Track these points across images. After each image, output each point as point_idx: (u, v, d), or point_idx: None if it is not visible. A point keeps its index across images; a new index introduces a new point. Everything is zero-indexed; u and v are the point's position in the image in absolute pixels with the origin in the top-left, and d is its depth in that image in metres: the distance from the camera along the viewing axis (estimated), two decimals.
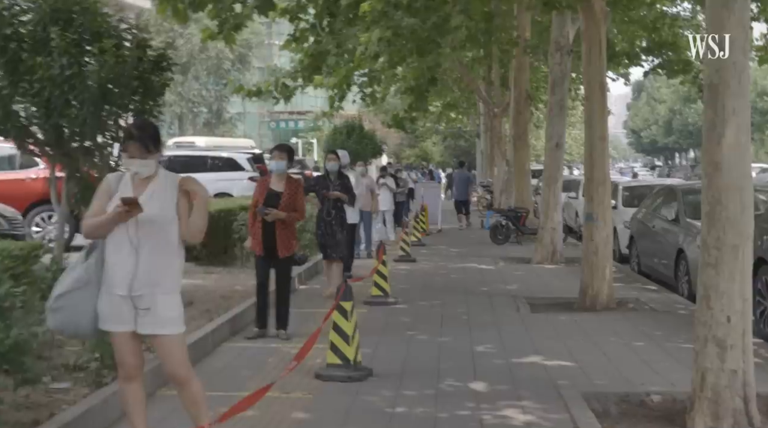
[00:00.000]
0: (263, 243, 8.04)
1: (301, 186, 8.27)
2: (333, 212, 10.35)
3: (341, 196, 10.30)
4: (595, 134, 10.07)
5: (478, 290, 11.63)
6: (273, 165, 8.21)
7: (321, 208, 10.49)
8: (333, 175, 10.44)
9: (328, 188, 10.35)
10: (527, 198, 20.17)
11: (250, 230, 8.31)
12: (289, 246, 8.11)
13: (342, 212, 10.48)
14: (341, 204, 10.39)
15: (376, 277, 10.17)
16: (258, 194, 8.16)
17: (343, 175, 10.63)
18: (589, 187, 10.19)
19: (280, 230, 7.97)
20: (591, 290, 10.03)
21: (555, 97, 14.57)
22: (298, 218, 8.22)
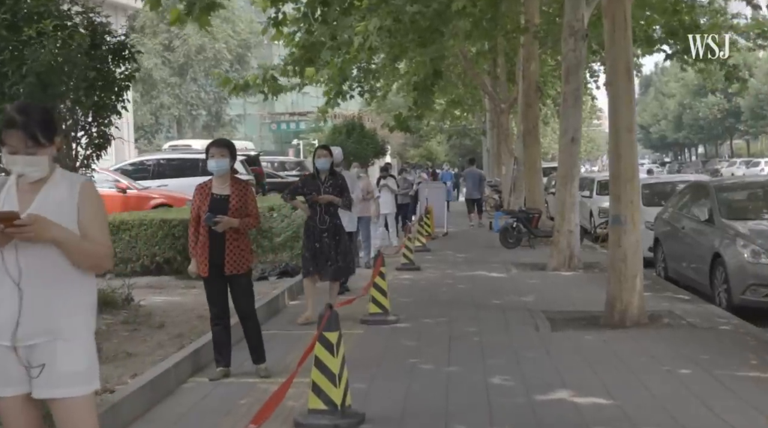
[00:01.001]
0: (210, 260, 6.57)
1: (249, 187, 6.83)
2: (327, 220, 8.87)
3: (333, 199, 8.84)
4: (621, 124, 8.79)
5: (490, 302, 10.36)
6: (213, 164, 6.60)
7: (311, 215, 9.03)
8: (324, 174, 8.92)
9: (319, 190, 8.89)
10: (539, 198, 18.90)
11: (191, 249, 6.79)
12: (244, 261, 6.63)
13: (337, 218, 9.01)
14: (335, 209, 9.03)
15: (374, 292, 8.90)
16: (198, 201, 6.67)
17: (336, 174, 9.10)
18: (615, 185, 8.92)
19: (231, 242, 6.53)
20: (619, 303, 8.76)
21: (569, 87, 13.28)
22: (252, 224, 6.71)
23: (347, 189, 9.10)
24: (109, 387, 5.78)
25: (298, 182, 9.55)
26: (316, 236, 8.87)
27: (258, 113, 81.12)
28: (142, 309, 9.11)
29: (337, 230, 8.98)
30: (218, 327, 6.76)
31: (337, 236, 8.94)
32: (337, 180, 9.00)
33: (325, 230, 8.87)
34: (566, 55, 13.36)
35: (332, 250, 8.86)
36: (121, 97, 8.85)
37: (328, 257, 8.84)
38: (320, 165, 8.96)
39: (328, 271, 8.88)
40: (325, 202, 8.82)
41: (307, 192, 8.97)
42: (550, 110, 41.45)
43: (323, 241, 8.84)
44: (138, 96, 57.71)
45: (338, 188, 8.95)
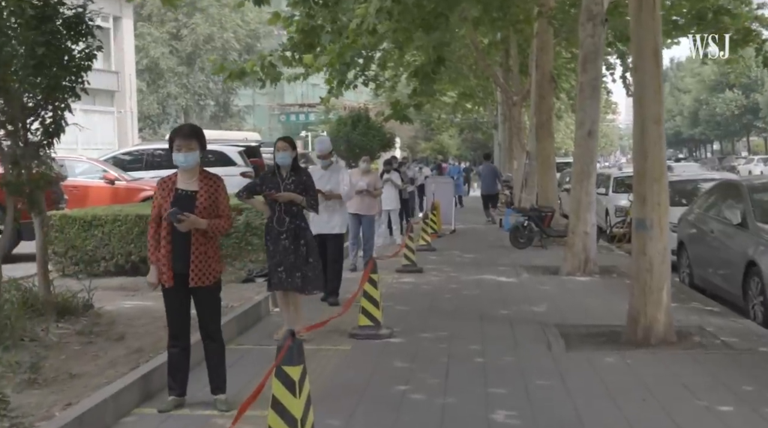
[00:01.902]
0: (173, 267, 5.52)
1: (222, 184, 5.71)
2: (286, 220, 7.65)
3: (294, 197, 7.62)
4: (648, 114, 7.70)
5: (497, 313, 9.29)
6: (181, 159, 5.56)
7: (271, 215, 7.80)
8: (285, 169, 7.74)
9: (278, 187, 7.73)
10: (552, 195, 17.81)
11: (150, 255, 5.70)
12: (211, 271, 5.55)
13: (300, 220, 7.75)
14: (297, 210, 7.77)
15: (364, 302, 7.85)
16: (161, 198, 5.60)
17: (300, 170, 7.90)
18: (639, 184, 7.82)
19: (198, 248, 5.48)
20: (643, 318, 7.68)
21: (586, 76, 12.18)
22: (223, 228, 5.59)
23: (312, 187, 7.88)
24: (26, 425, 4.76)
25: (257, 178, 8.31)
26: (274, 239, 7.71)
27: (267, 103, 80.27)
28: (105, 316, 8.12)
29: (298, 233, 7.68)
30: (176, 349, 5.72)
31: (300, 240, 7.67)
32: (301, 177, 7.80)
33: (284, 232, 7.63)
34: (584, 41, 12.25)
35: (292, 255, 7.60)
36: (81, 78, 7.85)
37: (290, 264, 7.61)
38: (280, 160, 7.74)
39: (294, 282, 7.66)
40: (284, 200, 7.61)
41: (265, 190, 7.75)
42: (563, 104, 40.24)
43: (281, 245, 7.64)
44: (144, 85, 56.93)
45: (301, 185, 7.73)
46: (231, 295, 9.43)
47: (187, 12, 58.52)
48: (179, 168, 5.59)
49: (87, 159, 18.68)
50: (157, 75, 58.26)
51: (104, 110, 39.78)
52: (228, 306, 8.91)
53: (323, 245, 9.53)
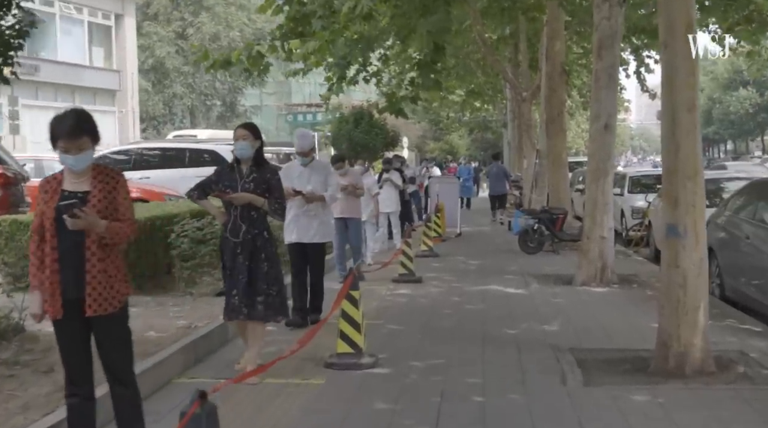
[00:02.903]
0: (63, 292, 4.18)
1: (121, 181, 4.35)
2: (242, 228, 6.23)
3: (254, 199, 6.21)
4: (679, 101, 6.46)
5: (503, 334, 8.05)
6: (69, 161, 4.17)
7: (225, 222, 6.40)
8: (245, 164, 6.31)
9: (236, 186, 6.30)
10: (564, 196, 16.57)
11: (32, 277, 4.29)
12: (114, 293, 4.24)
13: (260, 228, 6.27)
14: (259, 215, 6.33)
15: (343, 324, 6.63)
16: (43, 203, 4.27)
17: (265, 165, 6.38)
18: (670, 183, 6.56)
19: (95, 263, 4.17)
20: (676, 342, 6.44)
21: (602, 64, 10.93)
22: (124, 234, 4.26)
23: (279, 188, 6.40)
24: None
25: (212, 175, 6.55)
26: (230, 254, 6.29)
27: (275, 104, 79.17)
28: (42, 341, 6.92)
29: (258, 245, 6.25)
30: (75, 399, 4.39)
31: (260, 253, 6.25)
32: (264, 174, 6.29)
33: (239, 244, 6.24)
34: (599, 24, 11.01)
35: (250, 274, 6.18)
36: (10, 59, 6.67)
37: (246, 286, 6.18)
38: (240, 151, 6.26)
39: (254, 309, 6.29)
40: (240, 203, 6.19)
41: (221, 188, 6.29)
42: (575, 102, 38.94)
43: (236, 261, 6.23)
44: (150, 85, 55.94)
45: (264, 184, 6.26)
46: (199, 312, 8.28)
47: (193, 11, 57.62)
48: (67, 167, 4.28)
49: None
50: (162, 75, 57.31)
51: (105, 110, 38.73)
52: (191, 326, 7.73)
53: (303, 256, 8.31)
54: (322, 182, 8.39)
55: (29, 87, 32.74)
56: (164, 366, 6.32)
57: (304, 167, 8.40)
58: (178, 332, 7.59)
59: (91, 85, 36.78)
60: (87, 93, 36.85)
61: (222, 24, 57.62)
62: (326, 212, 8.59)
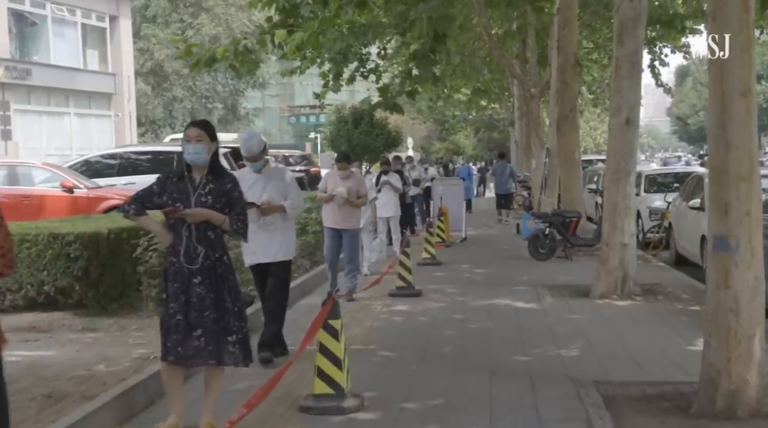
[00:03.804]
0: None
1: None
2: (199, 253, 4.94)
3: (212, 217, 4.94)
4: (731, 84, 5.28)
5: (513, 361, 6.88)
6: None
7: (173, 245, 5.01)
8: (199, 172, 5.01)
9: (188, 199, 4.98)
10: (577, 197, 15.38)
11: None
12: None
13: (220, 251, 5.03)
14: (216, 235, 5.02)
15: (320, 360, 5.45)
16: None
17: (222, 172, 5.12)
18: (718, 185, 5.38)
19: None
20: (726, 379, 5.27)
21: (624, 50, 9.76)
22: None
23: (240, 200, 5.12)
24: None
25: (153, 184, 5.16)
26: (182, 283, 4.95)
27: (277, 106, 78.20)
28: None
29: (219, 272, 4.99)
30: None
31: (223, 283, 4.99)
32: (223, 184, 5.03)
33: (197, 272, 4.95)
34: (619, 6, 9.83)
35: (217, 309, 4.94)
36: None
37: (212, 324, 4.92)
38: (193, 156, 4.96)
39: (224, 352, 4.98)
40: (196, 220, 4.92)
41: (167, 203, 4.99)
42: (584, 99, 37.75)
43: (192, 292, 4.92)
44: (149, 89, 54.97)
45: (224, 197, 5.01)
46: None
47: (192, 12, 56.67)
48: None
49: (42, 164, 16.42)
50: (162, 78, 56.38)
51: (101, 114, 37.73)
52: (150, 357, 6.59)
53: (262, 278, 7.13)
54: (280, 190, 7.01)
55: (21, 91, 31.75)
56: (101, 414, 5.16)
57: (257, 174, 7.00)
58: (133, 364, 6.48)
59: (86, 89, 35.72)
60: (82, 97, 35.81)
61: (222, 25, 56.62)
62: (288, 225, 7.16)
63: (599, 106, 40.67)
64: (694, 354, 6.66)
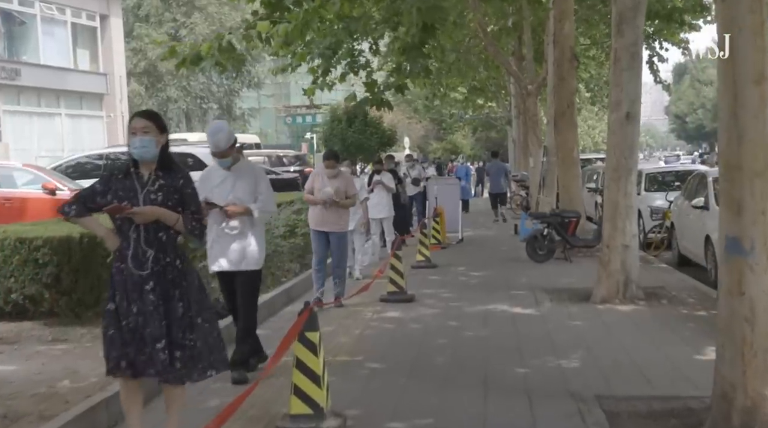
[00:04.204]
0: None
1: None
2: (149, 257, 4.42)
3: (164, 216, 4.42)
4: (744, 70, 4.82)
5: (510, 374, 6.41)
6: None
7: (121, 248, 4.48)
8: (148, 168, 4.50)
9: (135, 197, 4.44)
10: (576, 196, 14.91)
11: None
12: None
13: (173, 254, 4.49)
14: (169, 237, 4.49)
15: (297, 376, 4.97)
16: None
17: (173, 167, 4.56)
18: (730, 182, 4.92)
19: None
20: (741, 394, 4.80)
21: (623, 40, 9.29)
22: None
23: (194, 198, 4.58)
24: None
25: (96, 183, 4.63)
26: (133, 291, 4.44)
27: (273, 106, 77.71)
28: None
29: (172, 277, 4.47)
30: None
31: (176, 289, 4.47)
32: (175, 180, 4.51)
33: (148, 278, 4.44)
34: None
35: (161, 318, 4.40)
36: None
37: (161, 334, 4.40)
38: (140, 150, 4.44)
39: (173, 365, 4.41)
40: (144, 220, 4.41)
41: (112, 202, 4.42)
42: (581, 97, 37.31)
43: (146, 300, 4.41)
44: (143, 89, 54.52)
45: (176, 194, 4.50)
46: None
47: (185, 11, 56.25)
48: None
49: (24, 166, 15.95)
50: (156, 78, 55.96)
51: (92, 114, 37.23)
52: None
53: (228, 286, 6.54)
54: (250, 190, 6.38)
55: (10, 92, 31.29)
56: None
57: (226, 172, 6.40)
58: (100, 380, 5.99)
59: (77, 89, 35.24)
60: (73, 97, 35.33)
61: (215, 24, 56.18)
62: (257, 230, 6.46)
63: (597, 104, 40.23)
64: (703, 365, 6.22)
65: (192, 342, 4.45)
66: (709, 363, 6.23)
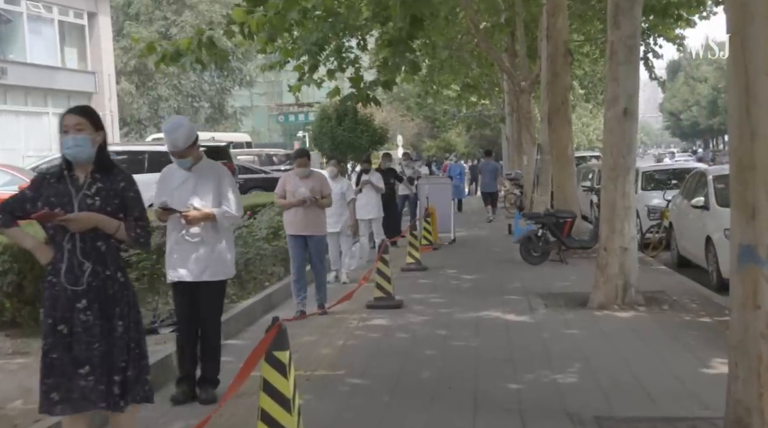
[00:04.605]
0: None
1: None
2: (85, 271, 3.96)
3: (101, 222, 3.97)
4: (756, 61, 4.35)
5: (502, 390, 5.93)
6: None
7: (53, 261, 4.01)
8: (83, 171, 4.04)
9: (69, 202, 3.99)
10: (571, 196, 14.45)
11: None
12: None
13: (114, 265, 4.07)
14: (108, 247, 4.03)
15: (264, 400, 4.47)
16: None
17: (113, 168, 4.13)
18: (742, 183, 4.45)
19: None
20: (758, 419, 4.34)
21: (620, 32, 8.82)
22: None
23: (138, 203, 4.11)
24: None
25: (26, 188, 4.13)
26: (63, 309, 3.94)
27: (266, 104, 77.13)
28: None
29: (110, 294, 4.02)
30: None
31: (114, 307, 4.01)
32: (114, 183, 4.06)
33: (83, 294, 3.95)
34: None
35: (102, 341, 3.95)
36: None
37: (100, 360, 3.94)
38: (73, 149, 3.98)
39: (94, 391, 3.94)
40: (81, 229, 3.95)
41: (43, 208, 3.95)
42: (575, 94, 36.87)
43: (76, 320, 3.93)
44: (133, 88, 53.93)
45: (116, 199, 4.05)
46: None
47: (175, 9, 55.68)
48: None
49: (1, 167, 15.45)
50: (146, 77, 55.35)
51: None
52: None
53: (191, 301, 5.83)
54: (213, 193, 5.75)
55: None
56: None
57: (186, 173, 5.78)
58: None
59: (65, 88, 34.67)
60: (60, 96, 34.75)
61: (206, 22, 55.60)
62: (221, 237, 5.80)
63: (591, 101, 39.83)
64: (711, 380, 5.78)
65: (126, 364, 3.98)
66: (717, 377, 5.79)
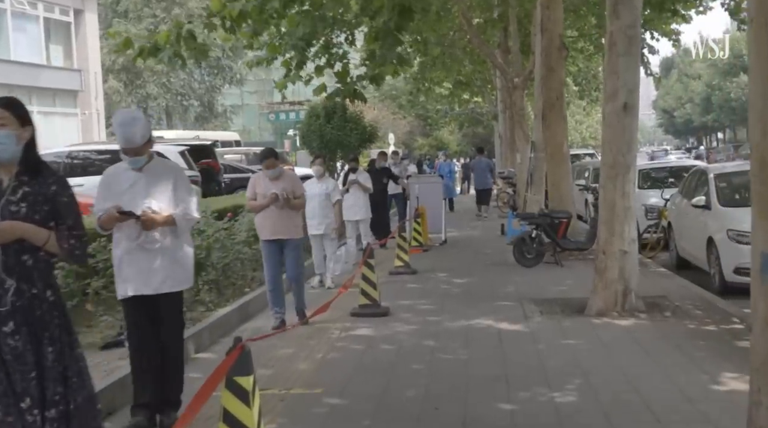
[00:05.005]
0: None
1: None
2: (9, 289, 3.45)
3: (29, 233, 3.48)
4: None
5: (493, 413, 5.39)
6: None
7: None
8: (6, 172, 3.55)
9: None
10: (566, 195, 13.92)
11: None
12: None
13: (43, 282, 3.57)
14: (35, 261, 3.52)
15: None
16: None
17: (42, 169, 3.63)
18: (766, 182, 3.93)
19: None
20: None
21: (620, 22, 8.28)
22: None
23: (72, 210, 3.63)
24: None
25: None
26: None
27: (256, 103, 76.51)
28: None
29: (38, 315, 3.51)
30: None
31: (43, 331, 3.51)
32: (44, 187, 3.58)
33: (8, 316, 3.45)
34: None
35: (32, 369, 3.44)
36: None
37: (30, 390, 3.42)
38: None
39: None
40: (4, 240, 3.47)
41: None
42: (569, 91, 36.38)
43: (4, 346, 3.44)
44: (122, 86, 53.29)
45: (45, 204, 3.57)
46: None
47: (165, 7, 55.05)
48: None
49: None
50: (134, 75, 54.68)
51: (66, 112, 36.04)
52: None
53: (147, 316, 5.17)
54: (168, 194, 5.16)
55: None
56: None
57: (137, 173, 5.16)
58: None
59: (50, 86, 34.07)
60: (46, 94, 34.13)
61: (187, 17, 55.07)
62: (181, 242, 5.24)
63: (585, 98, 39.35)
64: (723, 398, 5.27)
65: (61, 396, 3.43)
66: (729, 396, 5.29)
